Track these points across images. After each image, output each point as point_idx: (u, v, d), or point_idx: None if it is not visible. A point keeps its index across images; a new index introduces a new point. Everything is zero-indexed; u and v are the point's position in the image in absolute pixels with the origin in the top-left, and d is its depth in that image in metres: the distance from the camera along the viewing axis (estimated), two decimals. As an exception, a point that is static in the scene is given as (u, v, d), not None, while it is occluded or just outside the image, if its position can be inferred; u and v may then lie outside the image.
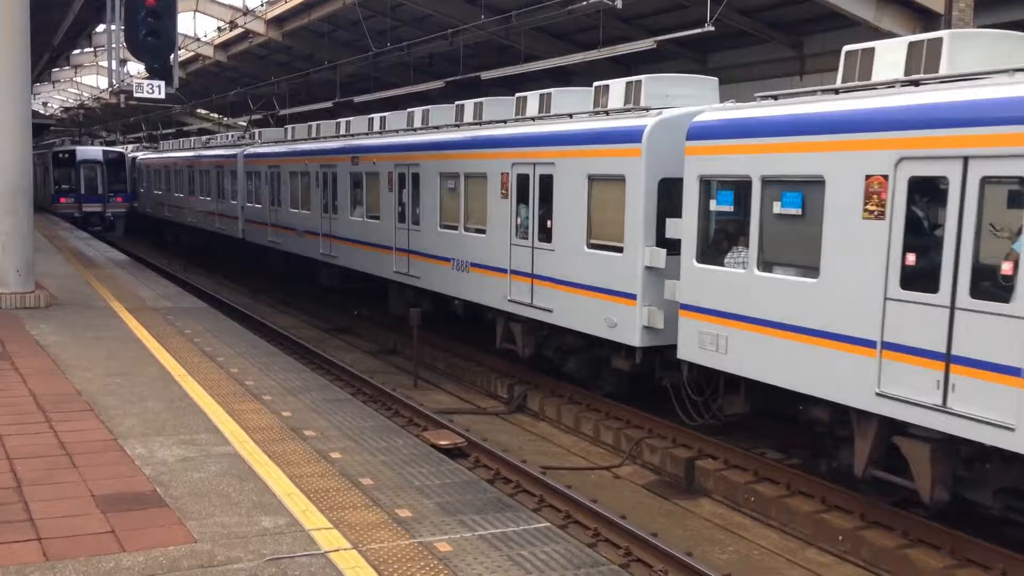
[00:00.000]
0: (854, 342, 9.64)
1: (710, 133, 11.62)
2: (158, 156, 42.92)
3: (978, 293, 8.51)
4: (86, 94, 65.68)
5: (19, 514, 6.89)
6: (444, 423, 13.98)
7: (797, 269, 10.58)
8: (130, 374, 11.38)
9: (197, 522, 6.83)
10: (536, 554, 6.61)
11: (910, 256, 9.15)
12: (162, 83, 15.56)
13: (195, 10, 38.02)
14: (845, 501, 10.71)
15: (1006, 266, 8.33)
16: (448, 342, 19.51)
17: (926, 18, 17.60)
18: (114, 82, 17.61)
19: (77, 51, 48.83)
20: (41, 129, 50.68)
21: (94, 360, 12.07)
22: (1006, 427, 8.23)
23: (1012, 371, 8.18)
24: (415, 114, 20.60)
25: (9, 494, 7.29)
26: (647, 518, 11.07)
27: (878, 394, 9.39)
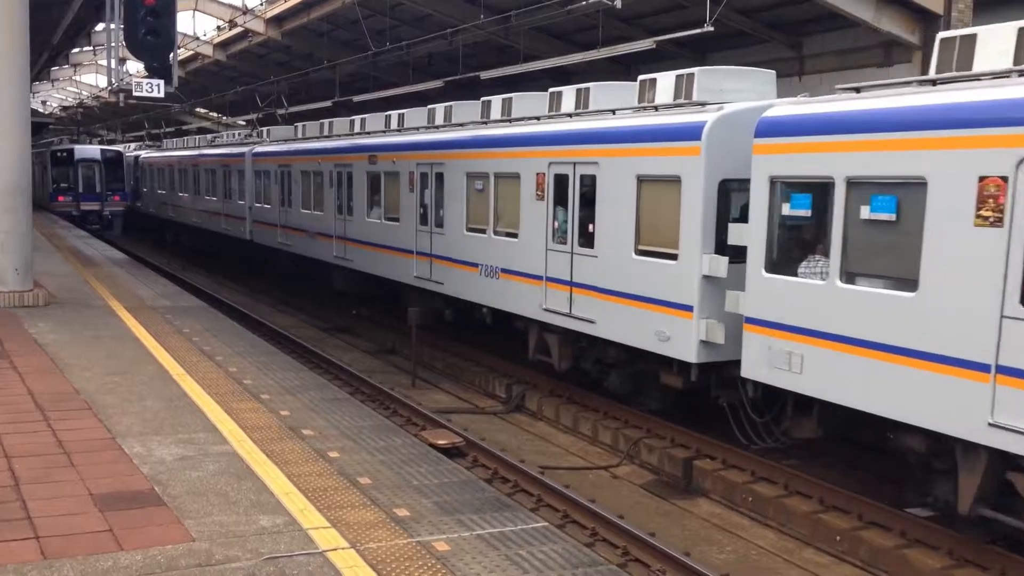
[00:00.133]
0: (961, 365, 8.59)
1: (784, 130, 10.51)
2: (162, 155, 42.14)
3: None
4: (85, 93, 65.67)
5: (17, 513, 6.89)
6: (442, 422, 13.99)
7: (889, 281, 9.49)
8: (128, 373, 11.39)
9: (195, 521, 6.83)
10: (534, 553, 6.62)
11: None
12: (161, 82, 15.57)
13: (194, 9, 38.03)
14: (843, 501, 10.72)
15: None
16: (447, 342, 19.52)
17: (925, 19, 17.63)
18: (113, 81, 17.62)
19: (76, 50, 48.83)
20: (40, 128, 50.66)
21: (92, 359, 12.07)
22: None
23: None
24: (436, 111, 19.55)
25: (7, 493, 7.29)
26: (645, 518, 11.08)
27: (991, 424, 8.37)
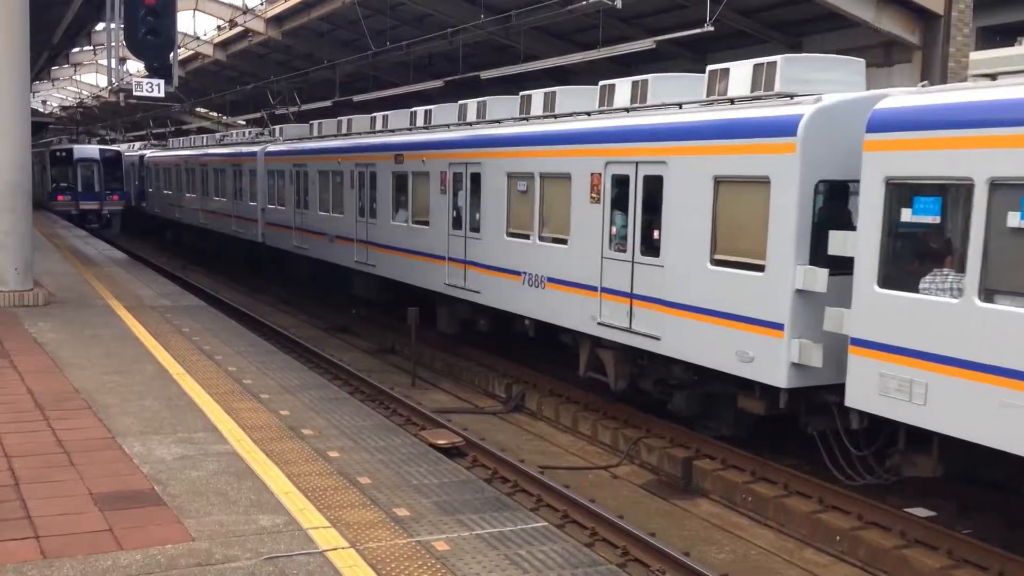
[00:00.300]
0: None
1: (904, 123, 9.18)
2: (168, 154, 41.30)
3: None
4: (85, 92, 65.66)
5: (17, 512, 6.90)
6: (442, 422, 13.99)
7: None
8: (128, 372, 11.39)
9: (195, 520, 6.84)
10: (534, 553, 6.62)
11: None
12: (161, 81, 15.60)
13: (195, 8, 38.03)
14: (843, 501, 10.71)
15: None
16: (446, 342, 19.52)
17: (925, 19, 17.63)
18: (113, 80, 17.64)
19: (76, 49, 48.82)
20: (40, 127, 50.74)
21: (92, 358, 12.07)
22: None
23: None
24: (468, 106, 18.30)
25: (7, 492, 7.29)
26: (644, 518, 11.08)
27: None
